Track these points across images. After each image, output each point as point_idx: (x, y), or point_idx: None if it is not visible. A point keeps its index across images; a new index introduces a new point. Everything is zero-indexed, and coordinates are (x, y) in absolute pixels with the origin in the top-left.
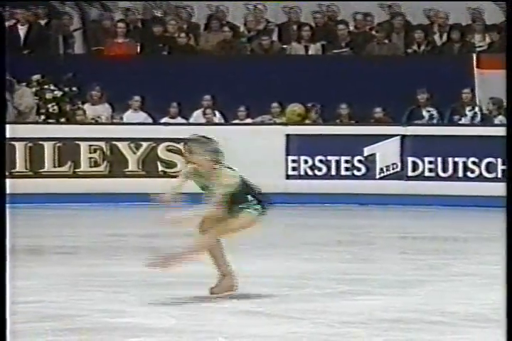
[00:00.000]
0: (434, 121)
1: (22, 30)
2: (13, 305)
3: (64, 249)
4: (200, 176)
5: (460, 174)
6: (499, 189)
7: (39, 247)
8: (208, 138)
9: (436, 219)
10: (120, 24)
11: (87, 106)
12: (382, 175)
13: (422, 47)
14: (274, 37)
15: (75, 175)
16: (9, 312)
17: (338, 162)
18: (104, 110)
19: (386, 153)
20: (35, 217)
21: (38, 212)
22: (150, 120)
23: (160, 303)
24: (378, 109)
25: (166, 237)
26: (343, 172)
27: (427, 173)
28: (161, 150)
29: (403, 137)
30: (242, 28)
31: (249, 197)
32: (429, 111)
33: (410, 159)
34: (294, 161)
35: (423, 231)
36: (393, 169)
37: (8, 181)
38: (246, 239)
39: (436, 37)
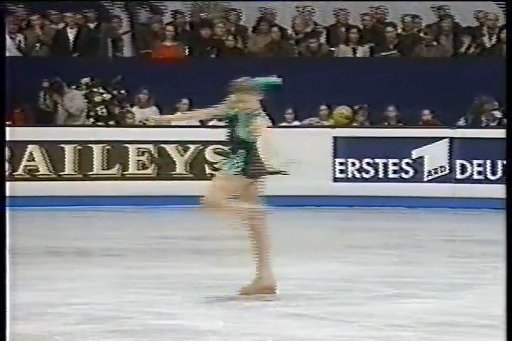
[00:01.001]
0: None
1: (71, 34)
2: (60, 306)
3: (111, 251)
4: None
5: None
6: None
7: (87, 249)
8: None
9: (484, 222)
10: (168, 27)
11: (135, 109)
12: (430, 177)
13: (471, 50)
14: (322, 39)
15: (123, 178)
16: (57, 314)
17: (385, 164)
18: (151, 113)
19: (434, 155)
20: (83, 219)
21: (86, 214)
22: (198, 123)
23: (207, 305)
24: (426, 111)
25: (214, 240)
26: (390, 175)
27: (475, 176)
28: (208, 153)
29: (452, 139)
30: (290, 31)
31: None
32: (491, 115)
33: (459, 162)
34: (341, 164)
35: (471, 234)
36: (441, 172)
37: (57, 184)
38: (293, 242)
39: (486, 39)
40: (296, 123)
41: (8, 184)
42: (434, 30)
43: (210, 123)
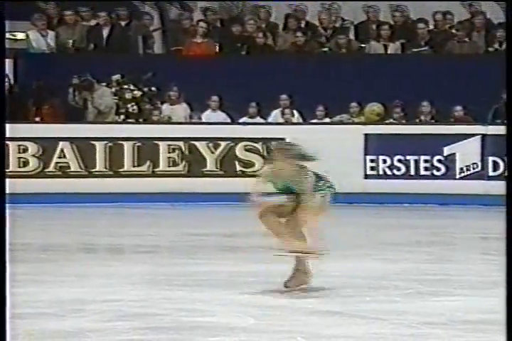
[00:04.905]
0: None
1: (105, 32)
2: (93, 303)
3: (144, 248)
4: (278, 178)
5: None
6: None
7: (119, 246)
8: (292, 144)
9: None
10: (200, 24)
11: (165, 106)
12: (462, 174)
13: (503, 46)
14: (351, 35)
15: (154, 175)
16: (90, 311)
17: (417, 161)
18: (182, 110)
19: (466, 152)
20: (114, 216)
21: (116, 211)
22: (229, 120)
23: (239, 302)
24: (458, 108)
25: (246, 236)
26: (422, 172)
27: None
28: (239, 150)
29: (484, 136)
30: (317, 27)
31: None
32: None
33: (491, 159)
34: (372, 161)
35: (504, 231)
36: (474, 169)
37: (87, 180)
38: (325, 239)
39: None
40: (327, 120)
41: (39, 181)
42: (466, 27)
43: (241, 120)
